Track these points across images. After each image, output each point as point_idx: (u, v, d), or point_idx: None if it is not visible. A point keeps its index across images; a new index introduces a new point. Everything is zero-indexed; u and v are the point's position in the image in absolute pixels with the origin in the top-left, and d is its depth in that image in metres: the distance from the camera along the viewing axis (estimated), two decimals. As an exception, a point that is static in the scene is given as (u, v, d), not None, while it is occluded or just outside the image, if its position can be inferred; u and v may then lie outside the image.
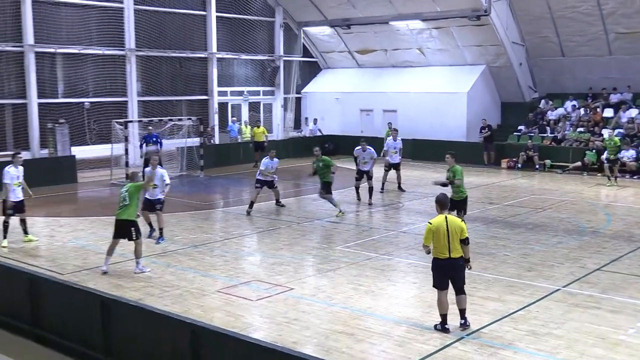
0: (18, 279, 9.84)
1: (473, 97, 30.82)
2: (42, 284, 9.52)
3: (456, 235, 9.29)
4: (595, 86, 29.83)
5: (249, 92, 34.23)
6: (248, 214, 17.72)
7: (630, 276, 12.10)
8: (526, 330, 9.42)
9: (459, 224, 9.41)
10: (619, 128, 27.41)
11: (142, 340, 8.09)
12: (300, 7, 34.35)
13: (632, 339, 9.10)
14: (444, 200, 9.72)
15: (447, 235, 9.26)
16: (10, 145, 25.30)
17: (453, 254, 9.29)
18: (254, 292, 11.24)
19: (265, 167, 18.34)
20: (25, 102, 25.57)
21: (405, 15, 31.09)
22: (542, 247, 14.28)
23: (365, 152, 19.90)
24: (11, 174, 14.39)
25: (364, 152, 19.91)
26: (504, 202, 19.78)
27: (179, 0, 30.60)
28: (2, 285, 10.13)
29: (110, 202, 20.25)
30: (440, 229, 9.28)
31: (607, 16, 27.38)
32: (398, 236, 15.53)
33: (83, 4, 27.00)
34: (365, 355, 8.67)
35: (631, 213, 18.27)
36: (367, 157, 19.88)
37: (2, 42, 24.86)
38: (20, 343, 9.34)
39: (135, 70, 28.88)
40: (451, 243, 9.28)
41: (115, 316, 8.36)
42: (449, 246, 9.27)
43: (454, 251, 9.30)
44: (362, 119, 33.89)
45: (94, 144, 26.94)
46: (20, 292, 9.63)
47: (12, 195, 14.35)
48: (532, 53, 30.85)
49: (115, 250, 12.48)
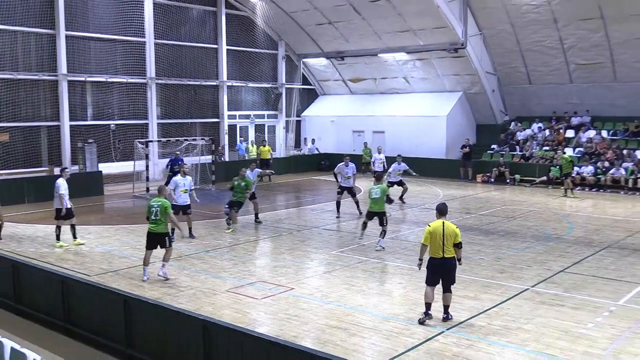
0: (51, 280, 9.85)
1: (452, 120, 30.90)
2: (73, 285, 9.53)
3: (450, 238, 9.44)
4: (559, 110, 29.94)
5: (255, 116, 34.31)
6: None
7: (589, 277, 12.10)
8: (499, 325, 9.42)
9: (454, 230, 9.53)
10: (580, 147, 27.52)
11: (160, 334, 8.08)
12: (300, 41, 34.52)
13: (592, 332, 9.10)
14: (442, 208, 9.91)
15: (443, 237, 9.41)
16: (45, 162, 25.35)
17: (446, 254, 9.45)
18: (259, 292, 11.22)
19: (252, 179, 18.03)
20: (58, 124, 25.62)
21: (392, 48, 31.26)
22: (512, 252, 14.29)
23: (348, 167, 18.69)
24: (65, 186, 14.86)
25: (347, 167, 18.69)
26: (479, 212, 19.79)
27: (194, 35, 30.73)
28: (38, 285, 10.13)
29: (133, 213, 20.35)
30: (437, 232, 9.44)
31: (568, 49, 27.55)
32: (386, 242, 15.50)
33: (110, 39, 27.09)
34: (357, 348, 8.65)
35: (590, 222, 18.29)
36: (349, 172, 18.65)
37: (39, 72, 24.96)
38: (53, 336, 9.33)
39: (155, 96, 28.95)
40: (445, 245, 9.42)
41: (136, 313, 8.36)
42: (443, 247, 9.42)
43: (447, 252, 9.45)
44: (354, 139, 33.94)
45: (119, 161, 26.93)
46: (54, 292, 9.63)
47: (63, 204, 14.76)
48: (503, 81, 30.98)
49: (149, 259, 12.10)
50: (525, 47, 28.59)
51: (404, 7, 28.22)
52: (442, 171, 29.03)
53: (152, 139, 27.68)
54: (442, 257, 9.44)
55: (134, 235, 16.36)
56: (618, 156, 25.71)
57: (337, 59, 34.12)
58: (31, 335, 9.17)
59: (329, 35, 32.72)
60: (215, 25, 31.64)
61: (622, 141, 27.06)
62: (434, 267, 9.55)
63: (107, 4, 26.83)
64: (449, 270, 9.56)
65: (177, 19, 29.89)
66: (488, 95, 30.72)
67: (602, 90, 28.23)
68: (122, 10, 27.36)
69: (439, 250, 9.45)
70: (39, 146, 25.41)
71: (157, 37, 28.73)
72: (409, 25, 29.35)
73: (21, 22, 24.18)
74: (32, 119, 25.03)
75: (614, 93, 27.96)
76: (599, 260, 13.41)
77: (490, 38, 29.24)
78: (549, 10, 26.36)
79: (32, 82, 24.86)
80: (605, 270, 12.58)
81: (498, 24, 28.32)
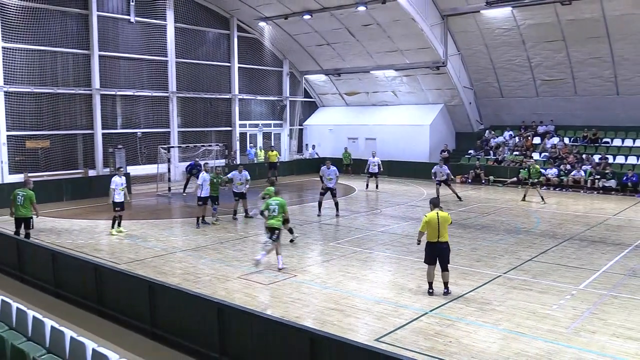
0: (86, 267, 9.82)
1: (434, 128, 30.86)
2: (105, 272, 9.51)
3: (445, 223, 10.02)
4: (527, 120, 29.90)
5: (262, 125, 34.27)
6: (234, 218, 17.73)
7: (554, 265, 12.09)
8: (475, 307, 9.40)
9: (446, 216, 10.15)
10: (545, 152, 27.50)
11: (180, 315, 8.05)
12: (302, 60, 34.49)
13: (556, 313, 9.09)
14: (435, 201, 10.51)
15: (438, 224, 9.95)
16: (80, 165, 25.32)
17: (441, 238, 9.99)
18: (266, 278, 11.20)
19: (232, 176, 17.94)
20: (92, 132, 25.57)
21: (382, 66, 31.25)
22: (487, 243, 14.27)
23: (330, 169, 18.05)
24: (117, 182, 15.34)
25: (329, 169, 18.06)
26: (458, 209, 19.76)
27: (209, 55, 30.68)
28: (74, 272, 10.10)
29: (156, 209, 20.35)
30: (432, 221, 9.99)
31: (535, 67, 27.55)
32: (377, 235, 15.51)
33: (137, 58, 27.06)
34: (352, 327, 8.63)
35: (555, 217, 18.27)
36: (332, 174, 17.99)
37: (76, 87, 24.93)
38: (87, 316, 9.30)
39: (175, 108, 28.89)
40: (440, 231, 9.96)
41: (159, 296, 8.34)
42: (438, 233, 9.95)
43: (442, 237, 9.99)
44: (349, 145, 33.94)
45: (144, 164, 26.89)
46: (88, 278, 9.60)
47: (117, 198, 15.27)
48: (479, 94, 30.97)
49: None
50: (498, 65, 28.59)
51: (392, 31, 28.22)
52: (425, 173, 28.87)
53: (173, 145, 27.62)
54: (437, 241, 9.97)
55: (157, 229, 16.34)
56: (578, 160, 25.70)
57: (335, 75, 34.09)
58: (68, 316, 9.14)
59: (327, 54, 32.70)
60: (228, 46, 31.60)
61: (581, 147, 27.05)
62: (431, 249, 10.08)
63: (134, 27, 26.81)
64: (444, 252, 10.05)
65: (195, 40, 29.86)
66: (466, 107, 30.70)
67: (564, 103, 28.24)
68: (147, 33, 27.36)
69: (435, 236, 9.97)
70: (75, 151, 25.36)
71: (177, 56, 28.69)
72: (396, 46, 29.34)
73: (61, 44, 24.21)
74: (70, 128, 24.98)
75: (574, 105, 27.97)
76: (562, 251, 13.40)
77: (468, 57, 29.23)
78: (518, 33, 26.38)
79: (70, 95, 24.83)
80: (568, 259, 12.57)
81: (474, 45, 28.33)
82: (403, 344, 7.91)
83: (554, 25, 25.05)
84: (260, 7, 29.58)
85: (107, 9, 25.69)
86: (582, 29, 24.55)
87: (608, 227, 16.30)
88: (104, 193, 20.66)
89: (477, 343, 7.91)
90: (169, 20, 28.15)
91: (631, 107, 26.20)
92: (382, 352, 5.91)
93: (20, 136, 23.31)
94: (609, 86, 26.25)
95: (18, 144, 23.30)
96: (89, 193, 22.65)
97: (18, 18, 22.77)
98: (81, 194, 22.55)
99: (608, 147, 26.48)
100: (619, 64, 25.14)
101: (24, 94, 23.32)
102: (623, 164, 25.12)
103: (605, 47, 24.76)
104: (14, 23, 22.66)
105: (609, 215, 18.33)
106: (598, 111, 27.27)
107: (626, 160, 25.42)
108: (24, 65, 23.20)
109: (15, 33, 22.70)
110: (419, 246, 10.59)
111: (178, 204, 21.77)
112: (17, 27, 22.72)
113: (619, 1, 22.81)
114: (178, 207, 21.20)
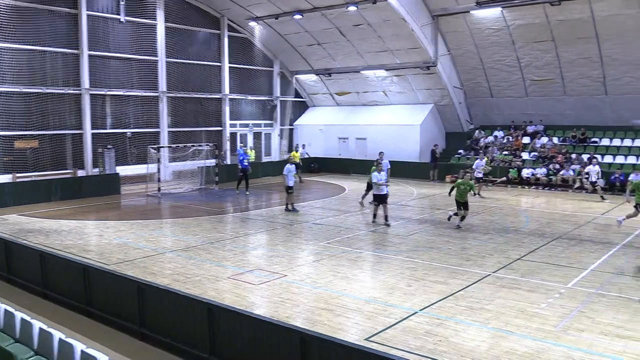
0: (74, 268, 9.75)
1: (424, 128, 30.95)
2: (93, 272, 9.44)
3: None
4: (516, 120, 30.09)
5: (253, 124, 34.20)
6: None
7: (542, 264, 12.16)
8: (465, 306, 9.43)
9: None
10: (534, 152, 27.66)
11: (169, 315, 8.01)
12: (292, 60, 34.46)
13: (544, 312, 9.13)
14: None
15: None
16: (69, 165, 25.13)
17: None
18: (256, 278, 11.17)
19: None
20: (81, 132, 25.38)
21: (373, 66, 31.30)
22: (477, 242, 14.33)
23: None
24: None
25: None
26: (448, 208, 19.73)
27: (200, 55, 30.58)
28: (62, 273, 10.03)
29: (146, 209, 20.23)
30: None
31: (524, 67, 27.71)
32: (367, 235, 15.53)
33: (127, 58, 26.91)
34: (342, 327, 8.62)
35: (543, 216, 18.37)
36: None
37: (65, 87, 24.75)
38: (76, 317, 9.24)
39: (166, 108, 28.77)
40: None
41: (148, 297, 8.29)
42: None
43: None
44: (340, 145, 33.97)
45: (134, 164, 26.76)
46: (76, 279, 9.54)
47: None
48: (469, 94, 31.10)
49: None
50: (488, 65, 28.73)
51: (383, 31, 28.26)
52: (415, 173, 29.10)
53: (163, 145, 27.52)
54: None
55: (147, 229, 16.27)
56: (567, 159, 25.87)
57: (325, 75, 34.09)
58: (57, 317, 9.07)
59: (318, 54, 32.70)
60: (218, 46, 31.52)
61: (570, 146, 27.23)
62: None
63: (124, 27, 26.66)
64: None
65: (186, 40, 29.75)
66: (456, 107, 30.82)
67: (553, 103, 28.43)
68: (137, 33, 27.21)
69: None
70: (65, 151, 25.17)
71: (168, 56, 28.57)
72: (387, 46, 29.40)
73: (50, 43, 24.01)
74: (59, 128, 24.78)
75: (563, 105, 28.17)
76: (551, 249, 13.49)
77: (458, 57, 29.34)
78: (508, 33, 26.52)
79: (59, 95, 24.64)
80: (556, 258, 12.65)
81: (464, 45, 28.44)
82: (393, 343, 7.92)
83: (544, 25, 25.21)
84: (251, 6, 29.53)
85: (96, 9, 25.52)
86: (571, 30, 24.73)
87: (596, 226, 16.43)
88: (94, 193, 20.68)
89: (466, 342, 7.94)
90: (159, 19, 28.03)
91: (619, 107, 26.45)
92: (372, 352, 5.92)
93: (9, 136, 23.10)
94: (597, 86, 26.46)
95: (7, 144, 23.10)
96: (78, 193, 22.56)
97: (6, 17, 22.56)
98: (70, 194, 22.43)
99: (596, 147, 26.68)
100: (608, 64, 25.35)
101: (13, 94, 23.12)
102: (611, 164, 25.33)
103: (594, 47, 24.96)
104: (1, 22, 22.45)
105: (597, 215, 18.47)
106: (587, 111, 27.50)
107: (614, 160, 25.64)
108: (13, 64, 22.99)
109: (3, 32, 22.50)
110: (408, 243, 10.60)
111: (168, 204, 21.68)
112: (5, 26, 22.51)
113: (608, 2, 23.01)
114: (168, 207, 21.11)
